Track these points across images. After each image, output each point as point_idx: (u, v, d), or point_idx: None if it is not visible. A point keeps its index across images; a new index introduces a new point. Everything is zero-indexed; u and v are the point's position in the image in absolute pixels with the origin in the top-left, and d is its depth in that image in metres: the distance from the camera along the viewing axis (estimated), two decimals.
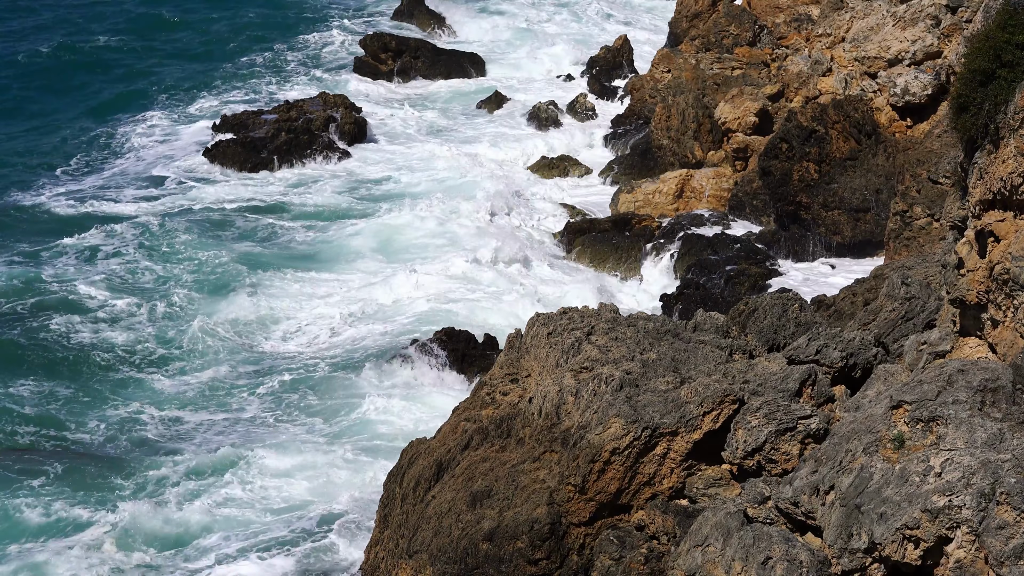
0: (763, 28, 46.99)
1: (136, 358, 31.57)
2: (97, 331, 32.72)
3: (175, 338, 32.51)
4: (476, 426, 19.19)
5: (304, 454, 26.57)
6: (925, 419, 13.16)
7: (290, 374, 30.69)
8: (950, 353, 16.22)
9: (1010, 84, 14.62)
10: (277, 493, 25.30)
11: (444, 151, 47.57)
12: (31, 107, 53.89)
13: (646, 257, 36.81)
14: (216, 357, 31.62)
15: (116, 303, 34.25)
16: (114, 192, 44.29)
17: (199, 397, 29.78)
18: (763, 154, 38.14)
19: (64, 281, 35.54)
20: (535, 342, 19.48)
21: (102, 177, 45.81)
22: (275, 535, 23.79)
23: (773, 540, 13.51)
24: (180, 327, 33.03)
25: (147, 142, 49.41)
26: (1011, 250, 14.53)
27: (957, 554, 12.29)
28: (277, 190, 44.38)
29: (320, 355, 32.04)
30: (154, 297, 34.81)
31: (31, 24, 67.16)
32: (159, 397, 29.71)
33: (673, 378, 17.26)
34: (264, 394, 29.80)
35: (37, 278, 35.75)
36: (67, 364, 31.04)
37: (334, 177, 45.73)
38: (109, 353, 31.65)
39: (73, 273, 36.29)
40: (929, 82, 37.69)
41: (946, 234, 18.76)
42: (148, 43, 63.76)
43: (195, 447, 27.25)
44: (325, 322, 33.79)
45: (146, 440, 27.69)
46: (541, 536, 16.64)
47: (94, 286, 35.08)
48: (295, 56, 62.30)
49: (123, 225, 40.04)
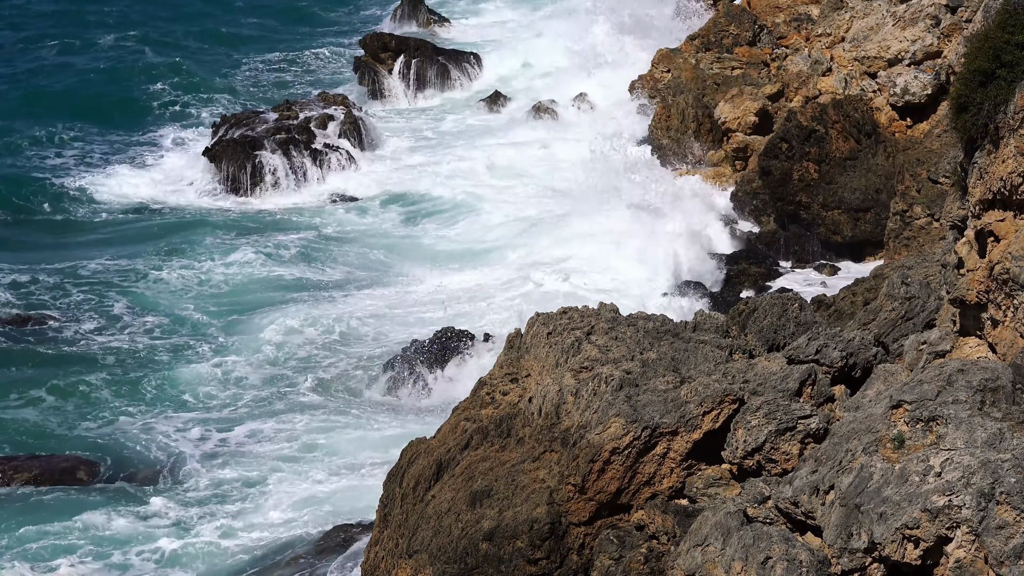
0: (763, 28, 46.97)
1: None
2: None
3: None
4: (476, 426, 19.19)
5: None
6: (925, 419, 13.16)
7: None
8: (950, 353, 16.22)
9: (1010, 84, 14.62)
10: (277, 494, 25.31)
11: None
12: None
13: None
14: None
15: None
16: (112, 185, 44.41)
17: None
18: (763, 154, 38.14)
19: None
20: (535, 342, 19.48)
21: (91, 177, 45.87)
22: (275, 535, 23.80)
23: (773, 540, 13.51)
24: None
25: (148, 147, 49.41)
26: (1011, 250, 14.53)
27: (957, 554, 12.29)
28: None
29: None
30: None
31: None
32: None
33: (673, 378, 17.26)
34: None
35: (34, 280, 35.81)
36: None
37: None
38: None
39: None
40: (929, 82, 37.69)
41: (946, 234, 18.77)
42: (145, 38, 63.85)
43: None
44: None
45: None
46: (541, 536, 16.64)
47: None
48: (296, 57, 62.30)
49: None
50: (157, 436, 27.47)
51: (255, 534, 23.65)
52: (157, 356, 31.56)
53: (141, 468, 26.36)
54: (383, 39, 59.10)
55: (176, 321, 33.49)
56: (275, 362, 31.24)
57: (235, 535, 23.60)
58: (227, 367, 30.75)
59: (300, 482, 25.28)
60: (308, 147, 46.51)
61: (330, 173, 45.89)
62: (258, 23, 68.57)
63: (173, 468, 26.25)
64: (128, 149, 49.05)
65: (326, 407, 28.72)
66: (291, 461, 26.23)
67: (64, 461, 26.45)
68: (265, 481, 25.38)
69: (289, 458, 26.37)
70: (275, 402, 29.25)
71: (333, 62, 61.45)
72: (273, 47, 63.57)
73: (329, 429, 27.60)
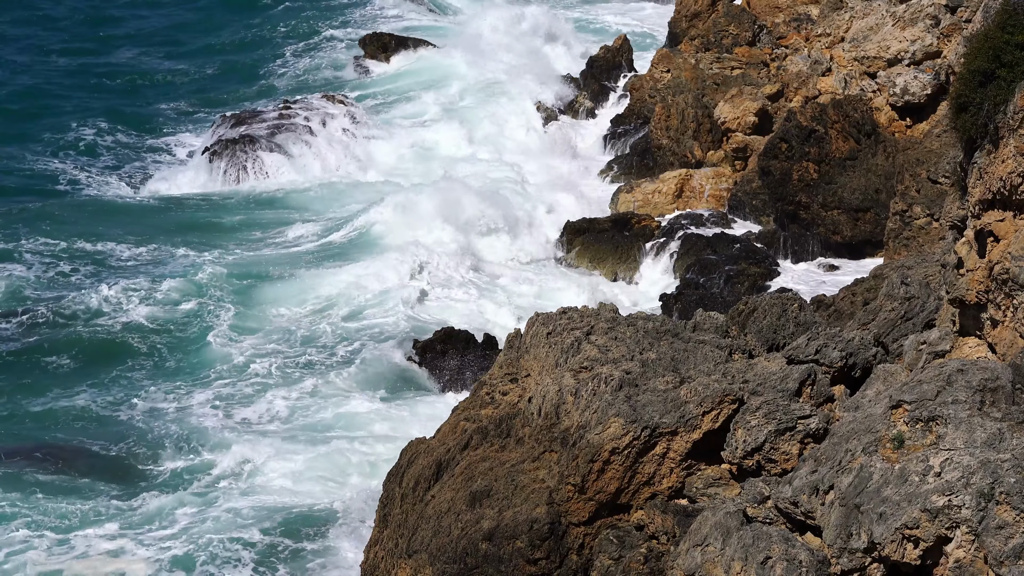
0: (763, 28, 46.98)
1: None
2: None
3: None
4: (476, 426, 19.19)
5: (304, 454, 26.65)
6: (924, 419, 13.17)
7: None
8: (949, 353, 16.23)
9: (1009, 84, 14.63)
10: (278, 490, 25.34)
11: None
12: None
13: (646, 257, 36.82)
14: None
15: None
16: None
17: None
18: (763, 154, 38.14)
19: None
20: (535, 342, 19.48)
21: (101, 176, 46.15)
22: (274, 533, 23.82)
23: (772, 540, 13.51)
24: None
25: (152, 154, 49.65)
26: (1010, 250, 14.54)
27: (956, 554, 12.29)
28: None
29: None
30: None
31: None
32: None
33: (673, 378, 17.26)
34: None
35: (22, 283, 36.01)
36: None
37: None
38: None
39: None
40: (928, 82, 37.70)
41: (946, 234, 18.78)
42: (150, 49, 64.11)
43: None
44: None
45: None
46: (540, 536, 16.64)
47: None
48: (295, 55, 62.29)
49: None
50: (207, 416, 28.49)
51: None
52: (188, 333, 32.74)
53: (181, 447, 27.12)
54: (382, 39, 59.22)
55: (199, 297, 34.54)
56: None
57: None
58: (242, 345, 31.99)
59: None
60: (308, 144, 46.65)
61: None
62: (256, 24, 68.56)
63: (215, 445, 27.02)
64: (144, 148, 49.51)
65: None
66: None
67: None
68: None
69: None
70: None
71: (334, 62, 61.43)
72: (273, 46, 63.61)
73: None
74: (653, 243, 37.05)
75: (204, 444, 27.20)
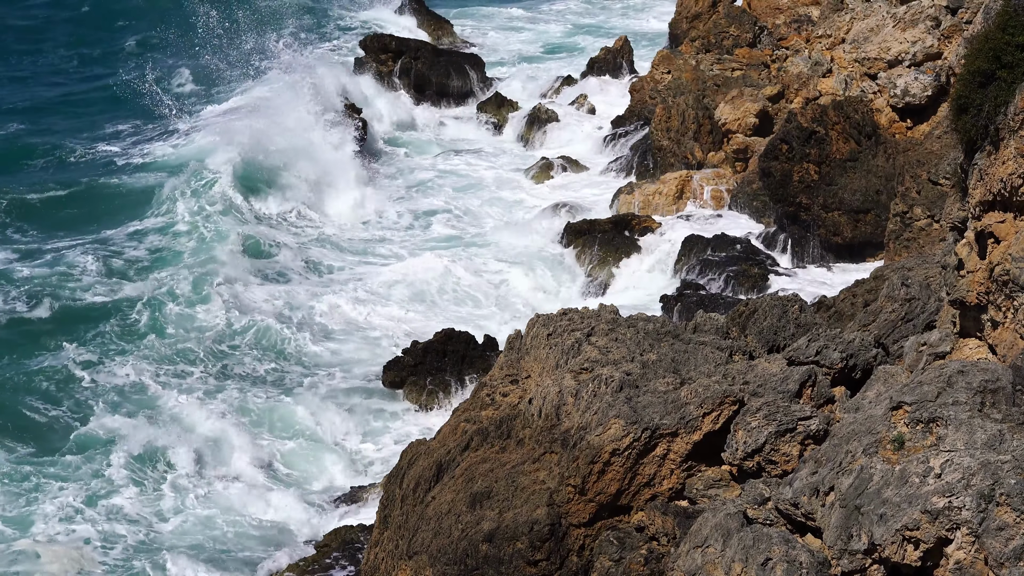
0: (763, 29, 46.99)
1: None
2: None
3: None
4: (476, 427, 19.19)
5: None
6: (925, 420, 13.16)
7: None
8: (950, 354, 16.22)
9: (1010, 85, 14.62)
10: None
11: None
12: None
13: (646, 258, 36.82)
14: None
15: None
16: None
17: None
18: (763, 155, 38.14)
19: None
20: (535, 343, 19.48)
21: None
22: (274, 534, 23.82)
23: (773, 541, 13.51)
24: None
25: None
26: (1011, 251, 14.53)
27: (957, 555, 12.29)
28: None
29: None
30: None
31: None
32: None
33: (673, 379, 17.26)
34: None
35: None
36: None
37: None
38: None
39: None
40: (929, 83, 37.69)
41: (946, 235, 18.77)
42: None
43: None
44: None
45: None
46: (541, 537, 16.64)
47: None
48: (295, 56, 62.23)
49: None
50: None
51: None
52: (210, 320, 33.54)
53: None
54: (383, 40, 59.10)
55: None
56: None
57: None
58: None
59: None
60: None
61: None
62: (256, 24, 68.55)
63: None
64: (156, 139, 49.69)
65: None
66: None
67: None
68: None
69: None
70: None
71: (333, 62, 61.37)
72: (272, 47, 63.57)
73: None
74: (653, 244, 37.08)
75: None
